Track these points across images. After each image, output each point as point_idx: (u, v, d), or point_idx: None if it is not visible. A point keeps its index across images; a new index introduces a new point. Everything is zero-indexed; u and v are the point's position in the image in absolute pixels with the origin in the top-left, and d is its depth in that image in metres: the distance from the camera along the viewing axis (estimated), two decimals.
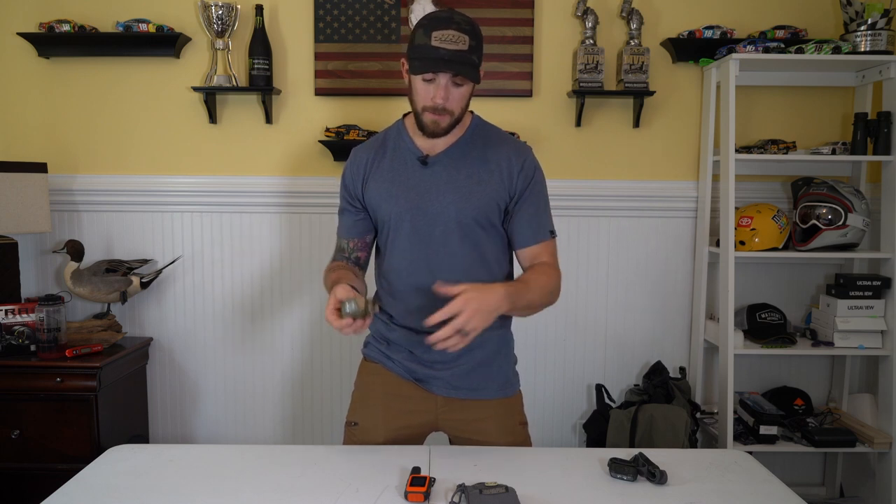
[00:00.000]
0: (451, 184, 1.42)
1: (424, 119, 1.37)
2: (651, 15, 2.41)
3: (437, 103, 1.34)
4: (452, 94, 1.34)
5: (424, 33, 1.31)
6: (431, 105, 1.35)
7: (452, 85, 1.34)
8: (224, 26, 2.32)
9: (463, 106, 1.39)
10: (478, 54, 1.34)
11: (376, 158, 1.47)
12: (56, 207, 2.43)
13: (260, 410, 2.55)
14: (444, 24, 1.30)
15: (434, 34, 1.30)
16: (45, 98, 2.43)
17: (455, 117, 1.38)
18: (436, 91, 1.33)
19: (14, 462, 2.12)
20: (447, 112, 1.36)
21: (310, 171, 2.46)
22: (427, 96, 1.35)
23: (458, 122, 1.40)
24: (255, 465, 1.36)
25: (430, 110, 1.35)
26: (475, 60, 1.33)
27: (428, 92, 1.34)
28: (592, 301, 2.52)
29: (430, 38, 1.30)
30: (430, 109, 1.35)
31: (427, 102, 1.35)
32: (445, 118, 1.36)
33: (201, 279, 2.49)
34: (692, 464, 1.39)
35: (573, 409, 2.56)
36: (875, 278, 2.27)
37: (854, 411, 2.41)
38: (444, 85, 1.33)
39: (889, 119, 2.22)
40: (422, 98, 1.36)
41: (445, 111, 1.35)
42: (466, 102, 1.39)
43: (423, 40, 1.31)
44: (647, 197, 2.46)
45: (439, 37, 1.30)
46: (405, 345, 1.49)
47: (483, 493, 1.18)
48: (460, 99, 1.37)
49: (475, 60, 1.33)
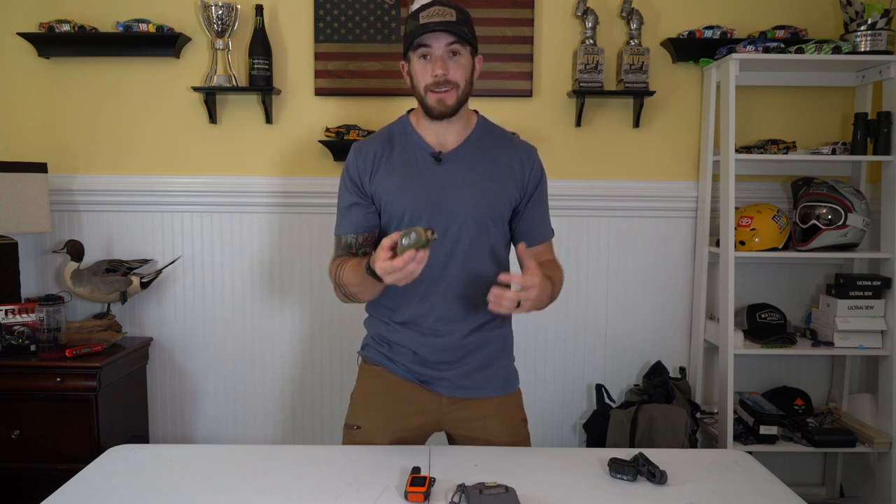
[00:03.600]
0: (468, 181, 1.42)
1: (429, 101, 1.37)
2: (651, 15, 2.41)
3: (437, 75, 1.34)
4: (451, 65, 1.36)
5: (413, 19, 1.37)
6: (433, 81, 1.35)
7: (449, 55, 1.35)
8: (224, 26, 2.32)
9: (466, 78, 1.39)
10: (468, 27, 1.37)
11: (384, 153, 1.45)
12: (56, 207, 2.43)
13: (260, 410, 2.55)
14: (428, 6, 1.36)
15: (422, 14, 1.35)
16: (45, 98, 2.43)
17: (460, 92, 1.38)
18: (434, 64, 1.35)
19: (14, 462, 2.12)
20: (450, 85, 1.36)
21: (310, 171, 2.46)
22: (427, 73, 1.36)
23: (463, 101, 1.40)
24: (255, 465, 1.36)
25: (432, 88, 1.36)
26: (465, 31, 1.35)
27: (426, 69, 1.36)
28: (592, 301, 2.52)
29: (418, 19, 1.35)
30: (433, 87, 1.36)
31: (428, 79, 1.36)
32: (451, 94, 1.36)
33: (201, 279, 2.50)
34: (692, 464, 1.39)
35: (573, 409, 2.56)
36: (875, 278, 2.27)
37: (854, 411, 2.41)
38: (439, 55, 1.35)
39: (889, 119, 2.22)
40: (422, 78, 1.37)
41: (448, 84, 1.36)
42: (469, 77, 1.40)
43: (412, 24, 1.36)
44: (647, 197, 2.46)
45: (426, 14, 1.34)
46: (408, 346, 1.48)
47: (483, 493, 1.18)
48: (461, 71, 1.37)
49: (465, 31, 1.35)
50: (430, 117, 1.40)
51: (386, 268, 1.19)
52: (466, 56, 1.38)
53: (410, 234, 1.16)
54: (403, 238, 1.17)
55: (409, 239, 1.16)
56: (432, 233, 1.16)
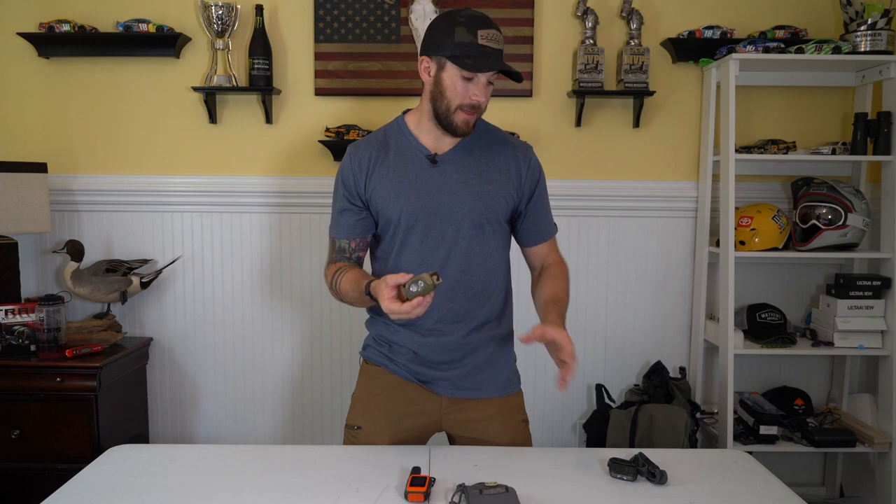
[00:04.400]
0: (464, 183, 1.42)
1: (456, 119, 1.37)
2: (651, 15, 2.41)
3: (475, 101, 1.35)
4: (487, 90, 1.37)
5: (468, 31, 1.31)
6: (469, 103, 1.35)
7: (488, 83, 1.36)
8: (224, 26, 2.32)
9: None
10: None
11: (379, 156, 1.45)
12: (56, 207, 2.43)
13: (260, 410, 2.55)
14: (486, 24, 1.33)
15: (480, 33, 1.31)
16: (45, 98, 2.43)
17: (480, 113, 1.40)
18: (476, 89, 1.34)
19: (14, 462, 2.12)
20: (480, 110, 1.38)
21: (310, 171, 2.46)
22: (465, 94, 1.35)
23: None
24: (255, 465, 1.36)
25: (465, 109, 1.36)
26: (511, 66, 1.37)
27: (467, 90, 1.35)
28: (592, 301, 2.52)
29: (476, 36, 1.31)
30: (467, 108, 1.36)
31: (464, 101, 1.35)
32: (475, 116, 1.39)
33: (201, 279, 2.50)
34: (692, 464, 1.39)
35: (573, 409, 2.56)
36: (875, 278, 2.27)
37: (854, 411, 2.41)
38: (484, 83, 1.35)
39: (889, 119, 2.22)
40: (458, 96, 1.35)
41: (479, 109, 1.37)
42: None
43: (467, 38, 1.31)
44: (647, 197, 2.46)
45: (485, 35, 1.31)
46: (409, 346, 1.48)
47: (483, 493, 1.18)
48: (489, 96, 1.39)
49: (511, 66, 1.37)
50: (450, 133, 1.40)
51: (393, 309, 1.21)
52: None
53: (419, 283, 1.20)
54: (412, 285, 1.21)
55: (418, 287, 1.20)
56: (437, 277, 1.21)
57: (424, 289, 1.19)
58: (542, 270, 1.54)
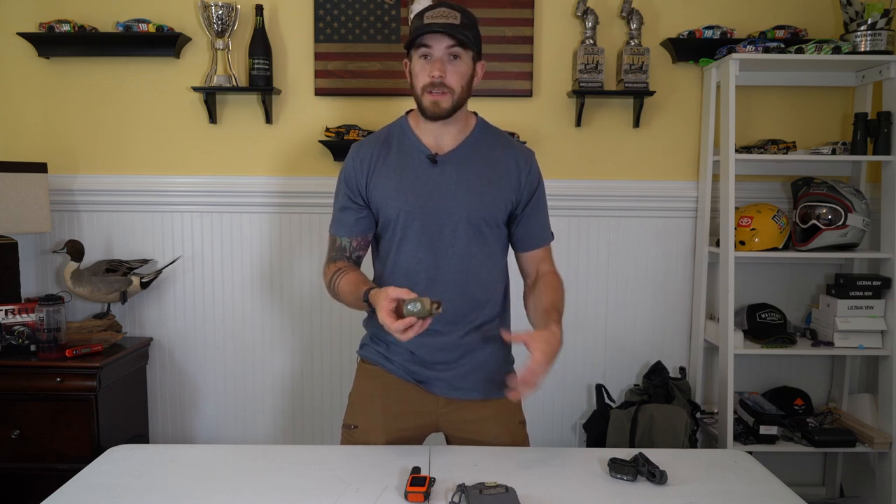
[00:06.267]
0: (463, 183, 1.42)
1: (424, 101, 1.38)
2: (651, 15, 2.41)
3: (434, 77, 1.35)
4: (449, 68, 1.36)
5: (418, 17, 1.37)
6: (429, 82, 1.35)
7: (449, 58, 1.36)
8: (224, 26, 2.32)
9: (463, 85, 1.39)
10: (472, 32, 1.37)
11: (381, 154, 1.45)
12: (56, 207, 2.43)
13: (260, 410, 2.55)
14: (435, 6, 1.37)
15: (427, 14, 1.35)
16: (45, 98, 2.43)
17: (455, 97, 1.38)
18: (432, 65, 1.35)
19: (14, 462, 2.12)
20: (446, 89, 1.36)
21: (309, 171, 2.46)
22: (424, 73, 1.36)
23: (458, 105, 1.40)
24: (255, 465, 1.36)
25: (428, 89, 1.36)
26: (469, 35, 1.35)
27: (425, 69, 1.36)
28: (592, 301, 2.52)
29: (423, 18, 1.35)
30: (429, 88, 1.36)
31: (425, 80, 1.36)
32: (446, 97, 1.37)
33: (201, 279, 2.50)
34: (692, 464, 1.39)
35: (573, 409, 2.56)
36: (875, 278, 2.27)
37: (854, 411, 2.41)
38: (439, 57, 1.35)
39: (889, 119, 2.22)
40: (420, 77, 1.37)
41: (444, 87, 1.36)
42: (467, 83, 1.40)
43: (416, 23, 1.36)
44: (647, 197, 2.46)
45: (431, 15, 1.35)
46: (406, 346, 1.47)
47: (483, 493, 1.18)
48: (459, 76, 1.37)
49: (469, 35, 1.35)
50: (424, 117, 1.41)
51: (387, 323, 1.23)
52: (467, 61, 1.38)
53: (417, 304, 1.20)
54: (410, 304, 1.21)
55: (415, 307, 1.21)
56: (437, 306, 1.21)
57: (421, 312, 1.20)
58: (537, 279, 1.52)
